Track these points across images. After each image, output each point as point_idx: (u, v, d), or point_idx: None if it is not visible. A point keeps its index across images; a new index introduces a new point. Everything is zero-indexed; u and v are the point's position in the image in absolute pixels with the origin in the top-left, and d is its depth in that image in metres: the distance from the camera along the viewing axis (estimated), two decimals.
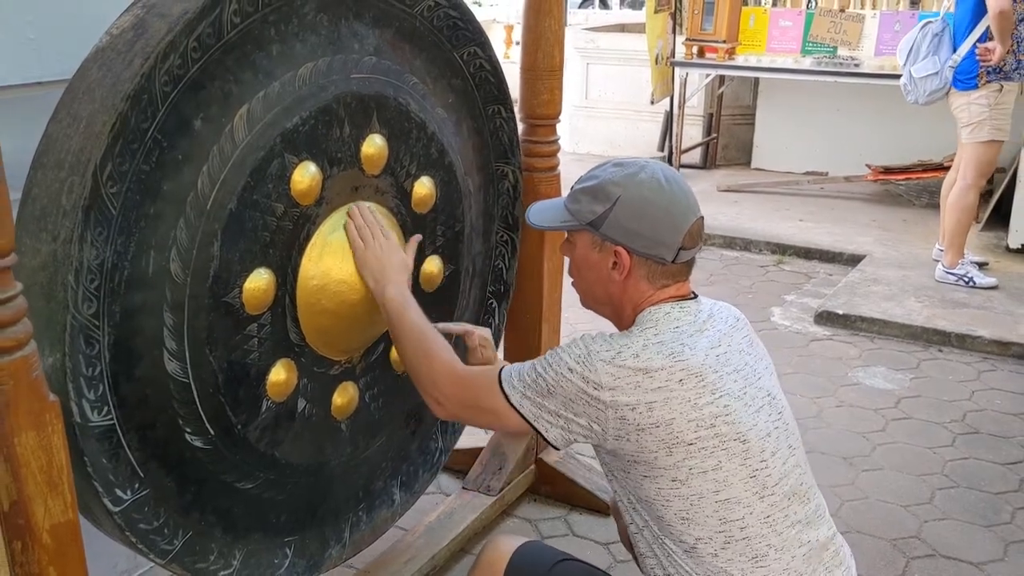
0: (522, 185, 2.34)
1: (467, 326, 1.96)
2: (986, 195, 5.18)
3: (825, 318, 4.18)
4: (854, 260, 4.93)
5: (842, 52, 5.98)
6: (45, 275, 1.32)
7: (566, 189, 1.76)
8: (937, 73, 4.32)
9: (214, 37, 1.44)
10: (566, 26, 2.45)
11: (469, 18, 2.00)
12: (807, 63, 5.97)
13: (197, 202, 1.46)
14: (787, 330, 4.13)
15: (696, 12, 6.04)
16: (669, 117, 6.63)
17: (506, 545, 1.64)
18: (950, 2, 4.66)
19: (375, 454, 2.03)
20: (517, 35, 8.56)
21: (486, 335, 1.93)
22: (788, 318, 4.27)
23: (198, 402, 1.54)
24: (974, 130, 4.28)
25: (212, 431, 1.58)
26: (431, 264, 1.98)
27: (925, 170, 5.73)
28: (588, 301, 1.62)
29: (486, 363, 1.91)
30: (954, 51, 4.27)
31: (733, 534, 1.41)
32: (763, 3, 6.74)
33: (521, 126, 2.42)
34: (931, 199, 5.78)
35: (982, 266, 4.58)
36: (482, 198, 2.21)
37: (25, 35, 1.64)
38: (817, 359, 3.82)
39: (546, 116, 2.45)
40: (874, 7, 6.39)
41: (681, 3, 6.37)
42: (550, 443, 1.49)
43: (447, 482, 2.78)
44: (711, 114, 6.97)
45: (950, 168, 4.64)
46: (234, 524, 1.70)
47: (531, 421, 1.48)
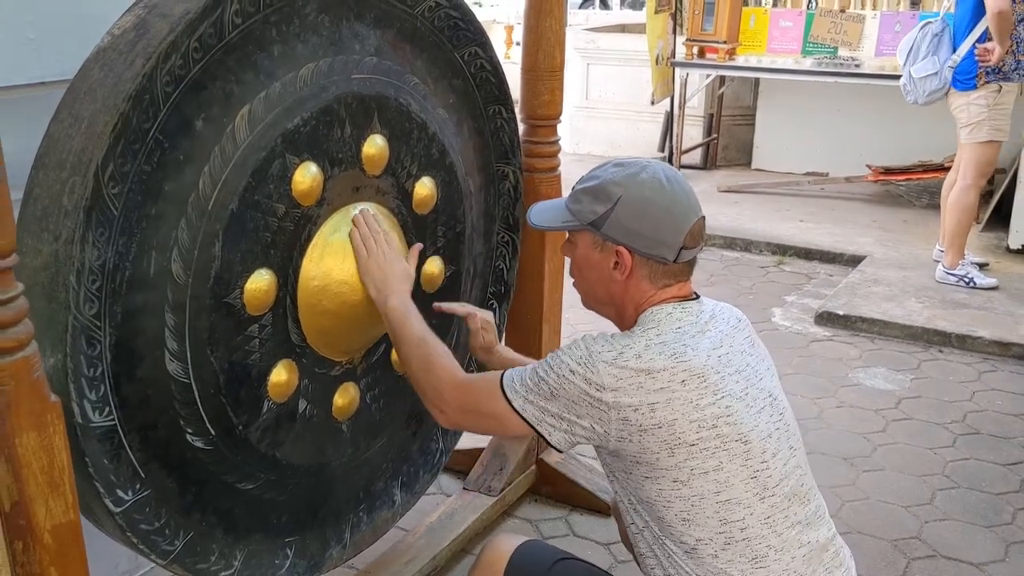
0: (523, 186, 2.34)
1: (470, 308, 1.96)
2: (986, 196, 5.18)
3: (826, 319, 4.18)
4: (854, 261, 4.93)
5: (842, 53, 5.99)
6: (46, 275, 1.32)
7: (567, 190, 1.75)
8: (936, 73, 4.32)
9: (215, 37, 1.44)
10: (566, 26, 2.44)
11: (470, 18, 2.00)
12: (807, 64, 5.97)
13: (198, 203, 1.46)
14: (787, 331, 4.13)
15: (696, 13, 6.04)
16: (669, 117, 6.63)
17: (506, 544, 1.64)
18: (950, 2, 4.66)
19: (376, 455, 2.03)
20: (517, 36, 8.54)
21: (488, 318, 1.94)
22: (788, 319, 4.27)
23: (199, 403, 1.54)
24: (973, 130, 4.28)
25: (213, 432, 1.58)
26: (432, 265, 1.98)
27: (925, 171, 5.73)
28: (589, 301, 1.62)
29: (488, 347, 1.92)
30: (954, 51, 4.28)
31: (733, 535, 1.41)
32: (763, 4, 6.75)
33: (522, 126, 2.42)
34: (931, 200, 5.78)
35: (983, 267, 4.58)
36: (483, 199, 2.21)
37: (26, 35, 1.64)
38: (818, 360, 3.82)
39: (547, 116, 2.44)
40: (874, 8, 6.39)
41: (681, 3, 6.36)
42: (553, 446, 1.49)
43: (448, 483, 2.78)
44: (711, 115, 6.97)
45: (950, 169, 4.63)
46: (235, 525, 1.70)
47: (534, 425, 1.47)
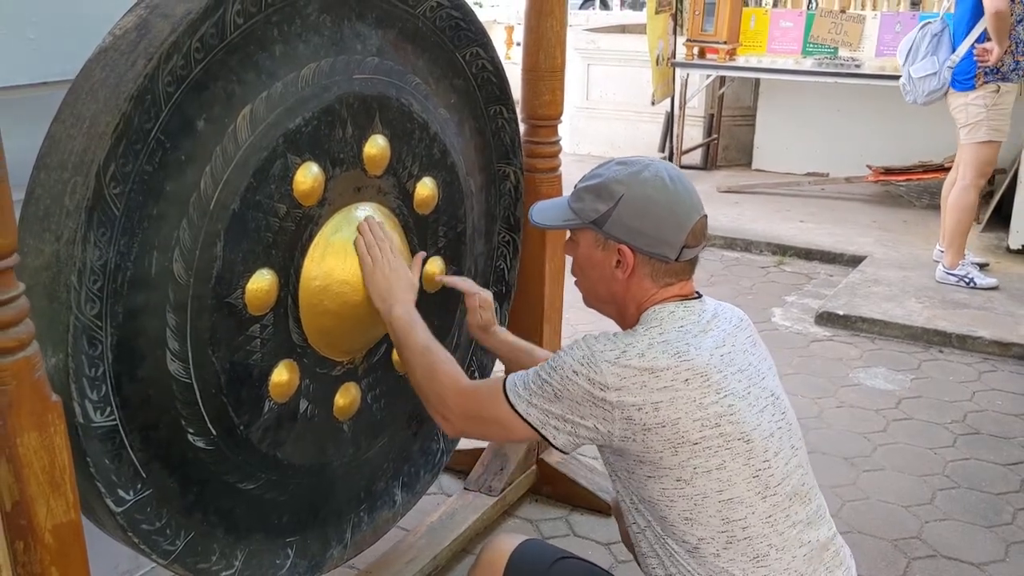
0: (523, 186, 2.34)
1: (471, 284, 1.95)
2: (987, 196, 5.18)
3: (826, 319, 4.18)
4: (855, 261, 4.93)
5: (843, 53, 5.99)
6: (48, 275, 1.32)
7: (567, 190, 1.76)
8: (935, 73, 4.32)
9: (217, 37, 1.44)
10: (567, 27, 2.44)
11: (471, 19, 2.00)
12: (808, 64, 5.97)
13: (200, 203, 1.46)
14: (788, 331, 4.13)
15: (697, 13, 6.04)
16: (670, 118, 6.63)
17: (506, 544, 1.64)
18: (950, 2, 4.66)
19: (377, 455, 2.03)
20: (518, 36, 8.56)
21: (487, 298, 1.93)
22: (789, 319, 4.27)
23: (200, 403, 1.54)
24: (971, 131, 4.28)
25: (214, 432, 1.58)
26: (433, 265, 1.98)
27: (926, 171, 5.73)
28: (591, 300, 1.62)
29: (485, 326, 1.92)
30: (953, 51, 4.28)
31: (735, 534, 1.41)
32: (764, 4, 6.75)
33: (523, 127, 2.42)
34: (932, 200, 5.78)
35: (983, 267, 4.58)
36: (484, 199, 2.21)
37: (27, 35, 1.64)
38: (818, 360, 3.82)
39: (547, 117, 2.44)
40: (875, 8, 6.40)
41: (682, 4, 6.36)
42: (558, 449, 1.48)
43: (448, 482, 2.78)
44: (712, 115, 6.97)
45: (951, 169, 4.63)
46: (236, 525, 1.70)
47: (538, 428, 1.46)
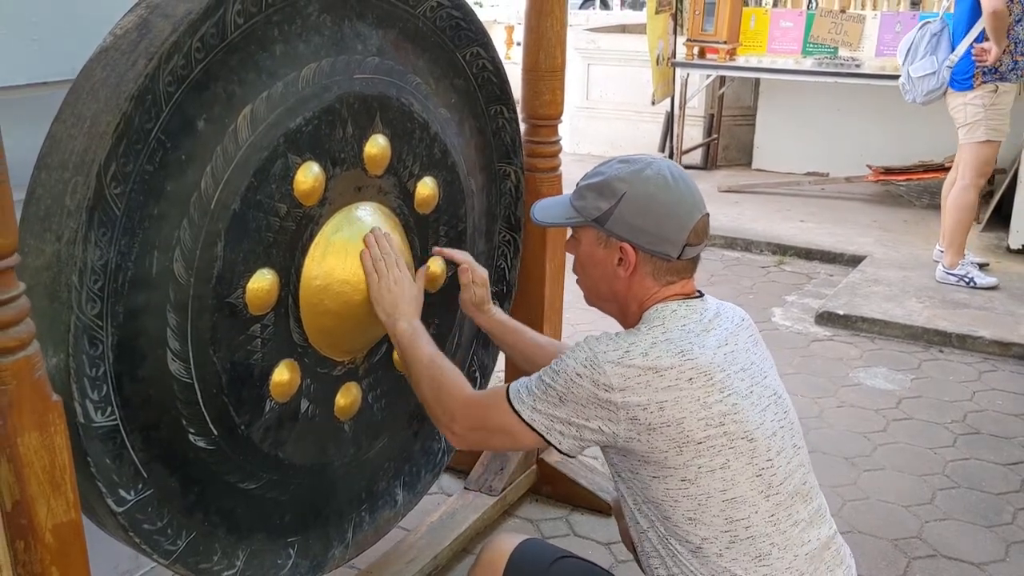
0: (524, 185, 2.34)
1: (468, 258, 1.92)
2: (987, 196, 5.18)
3: (826, 318, 4.18)
4: (855, 261, 4.93)
5: (843, 53, 5.99)
6: (49, 275, 1.32)
7: (567, 190, 1.75)
8: (934, 73, 4.32)
9: (218, 37, 1.44)
10: (567, 27, 2.44)
11: (472, 18, 2.00)
12: (808, 64, 5.98)
13: (201, 202, 1.46)
14: (788, 330, 4.13)
15: (697, 13, 6.04)
16: (670, 118, 6.63)
17: (506, 543, 1.64)
18: (950, 2, 4.67)
19: (378, 455, 2.03)
20: (518, 36, 8.57)
21: (482, 275, 1.91)
22: (789, 319, 4.27)
23: (201, 403, 1.54)
24: (970, 130, 4.28)
25: (215, 432, 1.58)
26: (434, 264, 1.97)
27: (926, 171, 5.73)
28: (592, 298, 1.62)
29: (479, 303, 1.91)
30: (952, 51, 4.28)
31: (738, 533, 1.41)
32: (764, 4, 6.75)
33: (523, 126, 2.42)
34: (932, 200, 5.78)
35: (983, 267, 4.58)
36: (485, 198, 2.21)
37: (29, 35, 1.64)
38: (818, 359, 3.82)
39: (548, 116, 2.45)
40: (875, 8, 6.40)
41: (682, 4, 6.37)
42: (563, 453, 1.48)
43: (449, 482, 2.78)
44: (712, 115, 6.97)
45: (951, 169, 4.64)
46: (238, 524, 1.69)
47: (544, 434, 1.46)
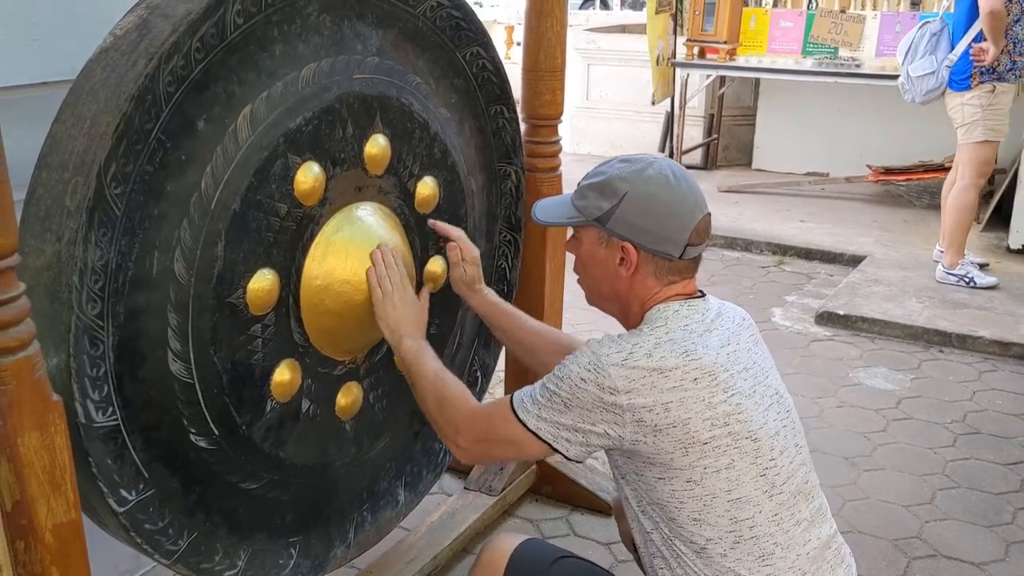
0: (524, 185, 2.34)
1: (458, 234, 1.90)
2: (987, 196, 5.18)
3: (826, 318, 4.18)
4: (855, 261, 4.93)
5: (843, 53, 5.99)
6: (49, 275, 1.32)
7: (567, 190, 1.75)
8: (933, 72, 4.32)
9: (217, 38, 1.44)
10: (567, 27, 2.44)
11: (472, 18, 2.00)
12: (808, 64, 5.98)
13: (201, 202, 1.46)
14: (788, 331, 4.13)
15: (697, 13, 6.05)
16: (670, 118, 6.63)
17: (506, 543, 1.64)
18: (949, 2, 4.67)
19: (379, 454, 2.03)
20: (518, 36, 8.57)
21: (473, 253, 1.90)
22: (789, 319, 4.27)
23: (202, 403, 1.54)
24: (968, 131, 4.28)
25: (216, 432, 1.58)
26: (435, 264, 1.98)
27: (926, 171, 5.73)
28: (594, 298, 1.62)
29: (470, 282, 1.91)
30: (951, 51, 4.28)
31: (742, 533, 1.41)
32: (764, 4, 6.75)
33: (523, 126, 2.42)
34: (932, 200, 5.78)
35: (983, 267, 4.58)
36: (485, 198, 2.21)
37: (29, 35, 1.64)
38: (818, 359, 3.82)
39: (548, 116, 2.45)
40: (875, 8, 6.40)
41: (682, 4, 6.37)
42: (570, 459, 1.47)
43: (449, 482, 2.78)
44: (712, 115, 6.97)
45: (951, 169, 4.64)
46: (239, 524, 1.70)
47: (550, 442, 1.45)
